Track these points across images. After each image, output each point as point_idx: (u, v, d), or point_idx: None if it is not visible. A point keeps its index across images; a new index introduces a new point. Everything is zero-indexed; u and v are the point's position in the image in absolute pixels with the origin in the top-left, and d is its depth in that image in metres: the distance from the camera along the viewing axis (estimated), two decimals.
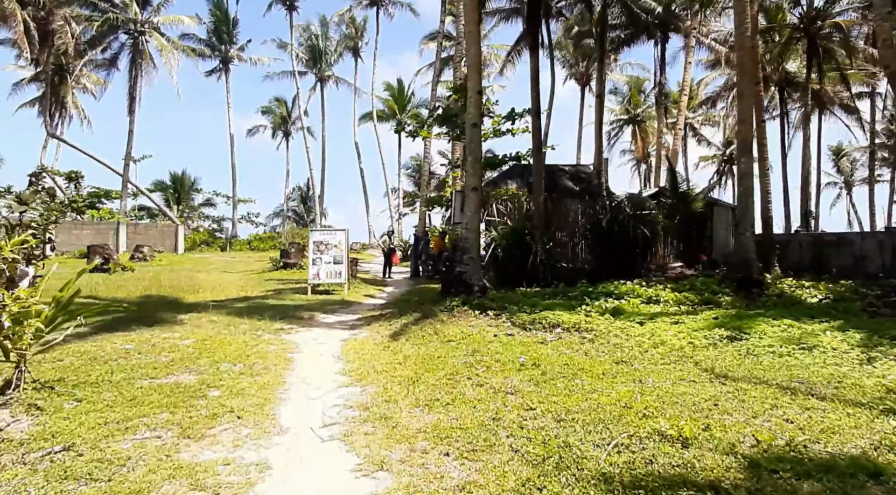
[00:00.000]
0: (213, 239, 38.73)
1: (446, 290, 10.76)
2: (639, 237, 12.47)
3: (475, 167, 10.95)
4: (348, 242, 13.46)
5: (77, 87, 40.50)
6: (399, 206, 45.29)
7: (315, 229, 13.23)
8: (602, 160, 20.39)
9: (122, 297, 12.14)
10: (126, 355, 6.26)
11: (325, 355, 6.67)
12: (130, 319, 8.89)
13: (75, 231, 26.54)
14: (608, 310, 8.75)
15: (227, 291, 13.45)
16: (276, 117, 49.86)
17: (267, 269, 19.75)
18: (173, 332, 7.82)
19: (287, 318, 9.31)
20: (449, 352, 6.48)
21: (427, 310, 9.77)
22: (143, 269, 19.39)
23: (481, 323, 8.50)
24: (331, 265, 13.03)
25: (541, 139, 15.13)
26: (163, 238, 30.60)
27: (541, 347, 6.66)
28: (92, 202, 33.72)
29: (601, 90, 19.78)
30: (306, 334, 8.08)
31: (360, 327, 8.72)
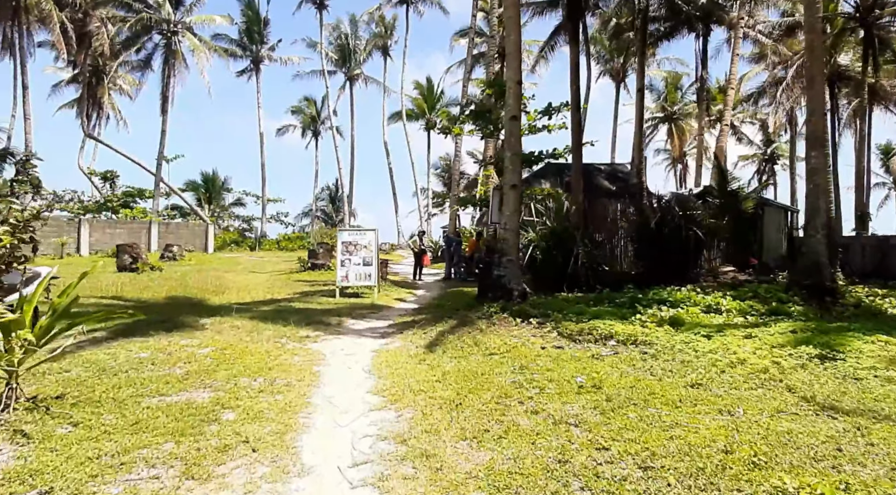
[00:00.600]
0: (242, 238, 38.78)
1: (483, 295, 10.02)
2: (690, 239, 11.51)
3: (514, 163, 10.18)
4: (378, 243, 12.84)
5: (114, 88, 41.13)
6: (428, 207, 44.70)
7: (344, 229, 12.64)
8: (642, 157, 19.37)
9: (147, 298, 11.77)
10: (139, 366, 5.71)
11: (355, 369, 6.00)
12: (151, 323, 8.43)
13: (109, 230, 26.68)
14: (665, 319, 7.88)
15: (253, 293, 12.98)
16: (306, 117, 49.87)
17: (295, 270, 19.32)
18: (193, 339, 7.28)
19: (313, 324, 8.71)
20: (493, 368, 5.74)
21: (463, 316, 9.05)
22: (172, 269, 19.17)
23: (524, 332, 7.73)
24: (360, 267, 12.42)
25: (580, 135, 14.27)
26: (193, 237, 30.63)
27: (597, 364, 5.86)
28: (126, 201, 34.06)
29: (641, 84, 18.77)
30: (334, 343, 7.44)
31: (391, 335, 8.05)
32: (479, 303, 9.88)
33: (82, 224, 25.37)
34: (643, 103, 18.84)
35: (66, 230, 24.93)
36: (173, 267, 20.32)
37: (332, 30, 44.35)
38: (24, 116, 28.63)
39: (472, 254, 16.74)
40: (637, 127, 18.60)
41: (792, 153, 40.85)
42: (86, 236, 25.23)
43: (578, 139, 13.90)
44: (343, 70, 45.42)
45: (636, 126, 18.72)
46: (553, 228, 12.17)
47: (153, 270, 17.10)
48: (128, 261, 16.51)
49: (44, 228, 22.03)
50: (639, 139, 18.61)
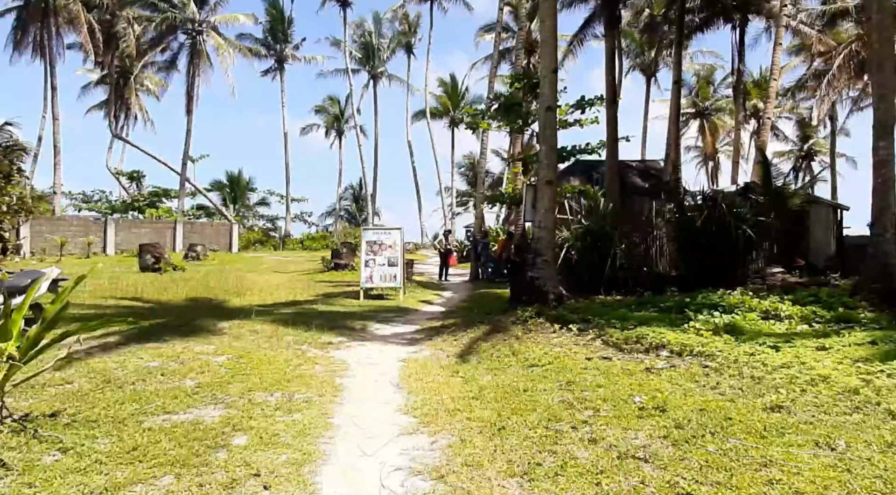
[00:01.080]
0: (266, 238, 38.78)
1: (516, 298, 9.38)
2: (739, 238, 10.67)
3: (550, 157, 9.52)
4: (403, 242, 12.30)
5: (141, 89, 41.54)
6: (452, 206, 44.12)
7: (368, 228, 12.12)
8: (679, 153, 18.45)
9: (167, 300, 11.43)
10: (147, 376, 5.24)
11: (381, 381, 5.44)
12: (168, 327, 8.02)
13: (134, 229, 26.77)
14: (721, 327, 7.13)
15: (274, 294, 12.57)
16: (329, 116, 49.77)
17: (317, 270, 18.94)
18: (209, 344, 6.82)
19: (337, 329, 8.19)
20: (535, 383, 5.11)
21: (496, 322, 8.43)
22: (195, 269, 18.96)
23: (565, 340, 7.07)
24: (384, 267, 11.89)
25: (616, 129, 13.51)
26: (217, 237, 30.62)
27: (653, 379, 5.18)
28: (152, 201, 34.30)
29: (678, 76, 17.84)
30: (358, 350, 6.90)
31: (420, 342, 7.47)
32: (511, 307, 9.26)
33: (108, 223, 25.48)
34: (679, 96, 17.93)
35: (92, 229, 25.06)
36: (196, 266, 20.13)
37: (355, 28, 44.15)
38: (53, 117, 28.93)
39: (501, 253, 16.09)
40: (673, 121, 17.71)
41: (832, 149, 39.20)
42: (112, 235, 25.32)
43: (614, 134, 13.16)
44: (367, 68, 45.14)
45: (672, 120, 17.83)
46: (589, 227, 11.45)
47: (175, 270, 16.88)
48: (150, 262, 16.31)
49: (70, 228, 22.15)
50: (675, 134, 17.72)
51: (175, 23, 31.33)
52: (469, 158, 53.56)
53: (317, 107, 49.74)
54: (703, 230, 10.82)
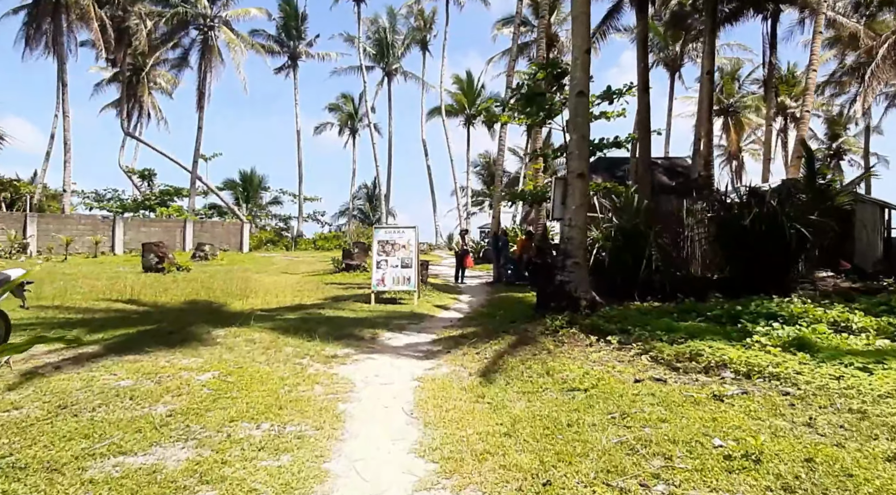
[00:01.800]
0: (278, 237, 38.17)
1: (544, 304, 8.42)
2: (792, 239, 9.60)
3: (581, 147, 8.55)
4: (418, 242, 11.39)
5: (154, 87, 41.21)
6: (467, 205, 43.16)
7: (380, 227, 11.24)
8: (711, 149, 17.33)
9: (164, 302, 10.66)
10: (113, 400, 4.39)
11: (393, 408, 4.52)
12: (157, 334, 7.23)
13: (143, 228, 26.22)
14: (789, 341, 6.11)
15: (280, 297, 11.75)
16: (343, 114, 49.12)
17: (328, 271, 18.12)
18: (196, 357, 5.98)
19: (343, 339, 7.31)
20: (581, 414, 4.16)
21: (522, 331, 7.48)
22: (201, 269, 18.26)
23: (605, 356, 6.10)
24: (398, 269, 11.00)
25: (648, 120, 12.48)
26: (228, 236, 30.01)
27: (725, 411, 4.21)
28: (163, 200, 33.83)
29: (711, 66, 16.72)
30: (366, 365, 5.99)
31: (437, 355, 6.54)
32: (539, 315, 8.30)
33: (116, 222, 24.95)
34: (712, 88, 16.82)
35: (100, 228, 24.54)
36: (203, 267, 19.44)
37: (369, 24, 43.41)
38: (63, 114, 28.53)
39: (521, 254, 15.12)
40: (706, 114, 16.60)
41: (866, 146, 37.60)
42: (120, 234, 24.78)
43: (646, 125, 12.14)
44: (381, 65, 44.39)
45: (704, 114, 16.72)
46: (621, 226, 10.45)
47: (180, 271, 16.16)
48: (154, 261, 15.60)
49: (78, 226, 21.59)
50: (707, 128, 16.61)
51: (186, 18, 30.81)
52: (484, 157, 52.60)
53: (330, 105, 49.18)
54: (750, 229, 9.76)
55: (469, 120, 47.23)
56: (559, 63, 14.55)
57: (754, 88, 43.37)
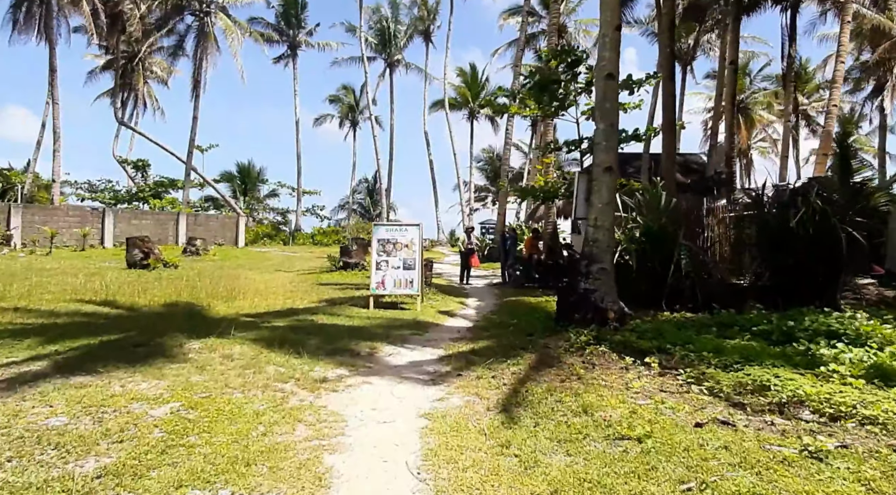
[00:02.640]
0: (276, 232, 37.17)
1: (565, 315, 7.41)
2: (840, 242, 8.59)
3: (609, 137, 7.53)
4: (422, 241, 10.38)
5: (151, 77, 40.11)
6: (470, 201, 42.11)
7: (380, 224, 10.23)
8: (733, 144, 16.29)
9: (141, 305, 9.69)
10: (34, 447, 3.40)
11: (395, 462, 3.52)
12: (120, 348, 6.27)
13: (135, 221, 25.21)
14: (869, 369, 5.12)
15: (270, 299, 10.77)
16: (344, 106, 48.00)
17: (324, 269, 17.12)
18: (160, 379, 5.00)
19: (337, 354, 6.31)
20: (644, 482, 3.16)
21: (544, 348, 6.49)
22: (190, 265, 17.25)
23: (648, 384, 5.11)
24: (399, 271, 10.00)
25: (674, 110, 11.45)
26: (223, 230, 29.00)
27: (832, 477, 3.21)
28: (157, 192, 32.80)
29: (735, 56, 15.69)
30: (362, 393, 4.99)
31: (447, 378, 5.53)
32: (560, 327, 7.30)
33: (106, 214, 23.94)
34: (735, 79, 15.77)
35: (89, 220, 23.53)
36: (193, 263, 18.44)
37: (371, 13, 42.25)
38: (53, 101, 27.43)
39: (530, 255, 14.12)
40: (728, 107, 15.56)
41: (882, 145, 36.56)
42: (110, 227, 23.78)
43: (671, 116, 11.10)
44: (383, 56, 43.26)
45: (728, 106, 15.68)
46: (647, 226, 9.44)
47: (167, 267, 15.16)
48: (138, 257, 14.60)
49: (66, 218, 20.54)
50: (730, 120, 15.56)
51: (181, 2, 29.69)
52: (488, 152, 51.54)
53: (331, 96, 48.04)
54: (793, 232, 8.75)
55: (473, 114, 46.13)
56: (574, 50, 13.50)
57: (765, 85, 42.31)
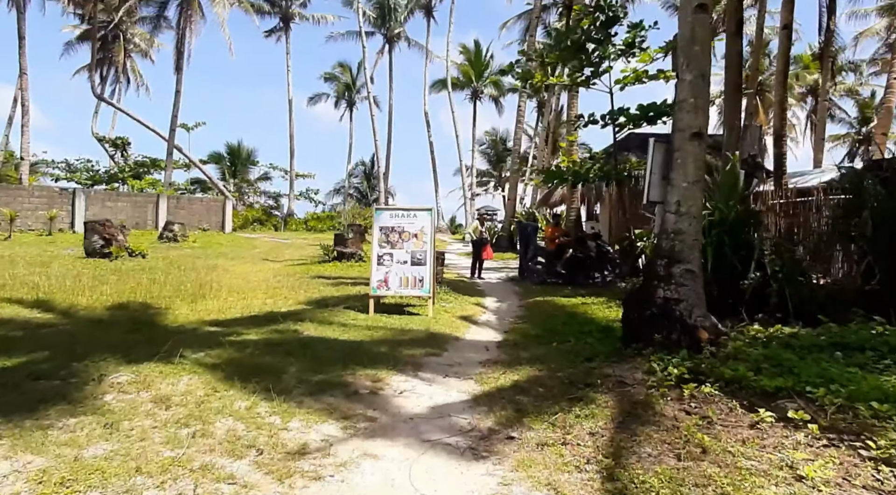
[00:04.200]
0: (267, 217, 35.09)
1: (639, 334, 5.47)
2: None
3: (699, 92, 5.56)
4: (434, 230, 8.41)
5: (134, 50, 37.66)
6: (472, 186, 40.03)
7: (382, 208, 8.25)
8: (784, 121, 14.30)
9: (83, 306, 7.76)
10: None
11: None
12: (9, 381, 4.31)
13: (109, 203, 23.08)
14: None
15: (248, 299, 8.82)
16: (340, 85, 45.58)
17: (317, 259, 15.14)
18: (34, 455, 3.06)
19: (324, 394, 4.39)
20: None
21: (619, 387, 4.56)
22: (163, 254, 15.23)
23: (822, 468, 3.18)
24: (406, 266, 8.05)
25: (740, 72, 9.46)
26: (208, 214, 26.90)
27: None
28: (138, 172, 30.61)
29: (788, 19, 13.61)
30: (361, 485, 3.05)
31: (494, 446, 3.58)
32: (631, 350, 5.38)
33: (77, 195, 21.80)
34: (789, 46, 13.74)
35: (58, 202, 21.40)
36: (168, 251, 16.40)
37: None
38: (21, 71, 25.08)
39: (556, 246, 12.18)
40: (780, 76, 13.58)
41: None
42: (81, 209, 21.66)
43: (737, 78, 9.13)
44: (382, 31, 40.85)
45: (779, 78, 13.70)
46: (722, 214, 7.49)
47: (133, 256, 13.15)
48: (98, 245, 12.58)
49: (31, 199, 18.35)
50: (781, 95, 13.57)
51: None
52: (491, 135, 49.35)
53: (326, 74, 45.58)
54: None
55: (476, 94, 43.87)
56: (612, 5, 11.42)
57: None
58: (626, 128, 11.86)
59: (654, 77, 11.81)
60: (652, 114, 10.96)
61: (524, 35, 30.55)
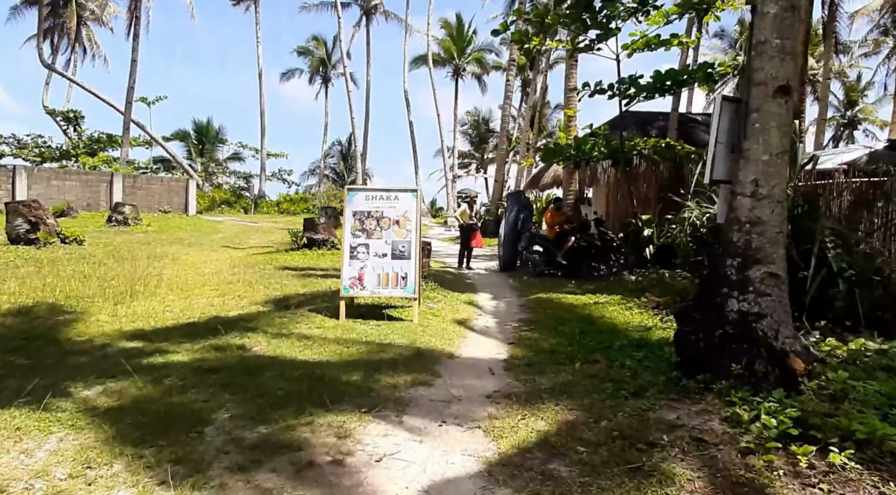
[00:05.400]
0: (236, 198, 33.03)
1: (708, 363, 4.02)
2: None
3: (786, 30, 4.13)
4: (420, 215, 6.85)
5: (90, 17, 34.84)
6: (454, 167, 38.37)
7: (357, 188, 6.63)
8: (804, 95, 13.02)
9: None
10: None
11: None
12: None
13: (56, 182, 20.90)
14: None
15: (191, 297, 7.22)
16: (315, 60, 43.17)
17: (284, 247, 13.48)
18: None
19: (261, 468, 2.86)
20: None
21: (701, 449, 3.13)
22: (108, 240, 13.40)
23: None
24: (386, 261, 6.51)
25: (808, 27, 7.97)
26: (170, 195, 24.83)
27: None
28: (94, 149, 28.21)
29: None
30: None
31: None
32: (694, 383, 3.96)
33: (18, 173, 19.61)
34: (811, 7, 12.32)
35: None
36: (115, 236, 14.53)
37: None
38: None
39: (559, 233, 10.75)
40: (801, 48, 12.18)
41: None
42: (22, 188, 19.50)
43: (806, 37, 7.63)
44: (358, 2, 38.55)
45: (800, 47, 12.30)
46: None
47: (66, 243, 11.32)
48: (22, 230, 10.74)
49: None
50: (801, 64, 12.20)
51: None
52: (472, 115, 47.57)
53: (300, 48, 43.05)
54: None
55: (458, 71, 41.94)
56: None
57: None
58: (636, 100, 10.39)
59: (667, 43, 10.35)
60: (669, 82, 9.51)
61: (510, 5, 28.83)
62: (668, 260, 11.30)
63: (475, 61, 41.39)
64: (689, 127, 18.99)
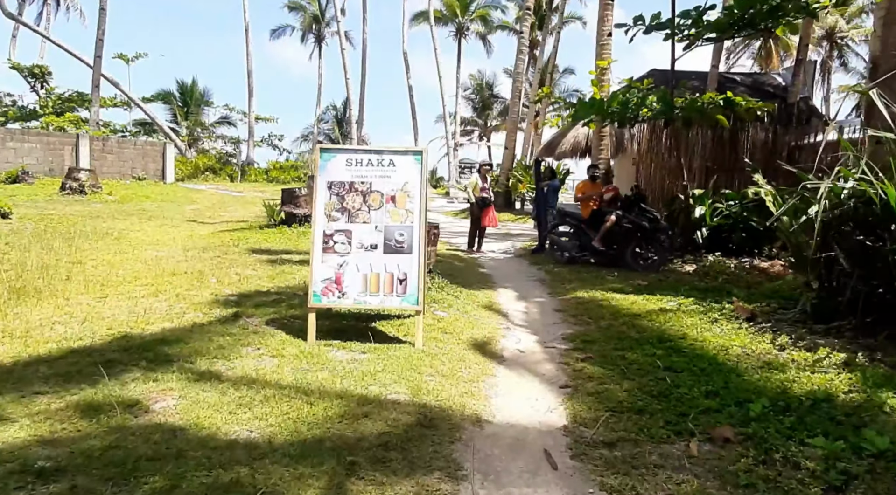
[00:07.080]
0: (222, 165, 30.70)
1: None
2: None
3: None
4: (426, 187, 4.74)
5: None
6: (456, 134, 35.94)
7: (335, 149, 4.38)
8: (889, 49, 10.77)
9: None
10: None
11: None
12: None
13: (12, 144, 18.59)
14: None
15: (106, 300, 5.19)
16: (307, 16, 40.14)
17: (261, 222, 11.40)
18: None
19: None
20: None
21: None
22: (51, 211, 11.32)
23: None
24: (376, 254, 4.45)
25: None
26: (144, 160, 22.55)
27: None
28: (63, 109, 25.74)
29: None
30: None
31: None
32: None
33: None
34: None
35: None
36: (65, 207, 12.42)
37: None
38: None
39: (594, 211, 8.69)
40: None
41: None
42: None
43: None
44: None
45: None
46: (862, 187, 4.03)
47: None
48: None
49: None
50: None
51: None
52: (475, 79, 44.78)
53: (290, 3, 39.93)
54: None
55: (461, 30, 39.05)
56: None
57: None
58: (699, 42, 8.20)
59: None
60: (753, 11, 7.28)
61: None
62: (725, 244, 9.36)
63: (479, 19, 38.49)
64: (725, 89, 16.80)
